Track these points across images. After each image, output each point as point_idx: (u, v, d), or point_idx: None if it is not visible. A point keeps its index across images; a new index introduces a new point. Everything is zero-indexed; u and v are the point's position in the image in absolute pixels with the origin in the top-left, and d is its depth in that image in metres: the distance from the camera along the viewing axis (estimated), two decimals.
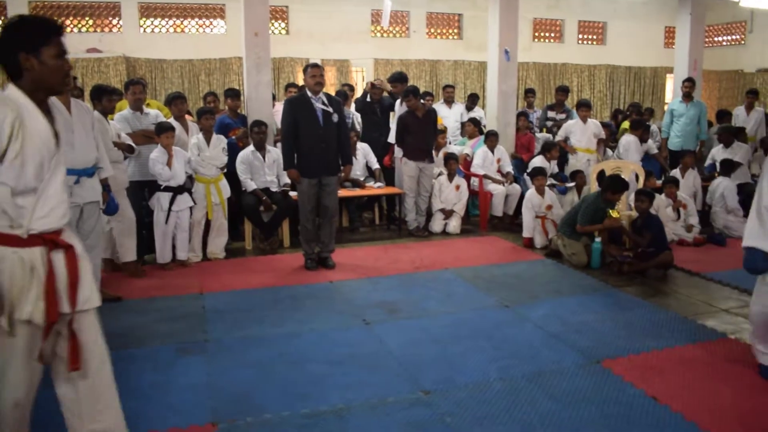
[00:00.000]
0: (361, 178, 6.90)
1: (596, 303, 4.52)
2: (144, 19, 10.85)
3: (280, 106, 6.05)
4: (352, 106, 7.54)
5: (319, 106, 5.16)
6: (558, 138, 7.55)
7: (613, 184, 5.42)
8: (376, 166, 7.00)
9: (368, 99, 7.39)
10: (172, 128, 5.24)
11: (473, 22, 12.48)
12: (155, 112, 5.68)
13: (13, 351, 2.01)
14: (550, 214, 6.22)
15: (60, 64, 2.04)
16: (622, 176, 5.75)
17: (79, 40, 9.99)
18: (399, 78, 7.28)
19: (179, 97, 5.80)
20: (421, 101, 6.70)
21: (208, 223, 5.66)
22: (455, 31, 12.94)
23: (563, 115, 8.38)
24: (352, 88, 8.18)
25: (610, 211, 5.36)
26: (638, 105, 9.81)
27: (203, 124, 5.59)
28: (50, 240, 2.04)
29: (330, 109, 5.19)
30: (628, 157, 7.24)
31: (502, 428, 2.79)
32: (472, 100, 8.80)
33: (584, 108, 7.41)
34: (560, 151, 7.30)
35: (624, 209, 5.78)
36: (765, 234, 3.10)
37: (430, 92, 9.05)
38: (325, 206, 5.34)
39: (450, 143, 7.95)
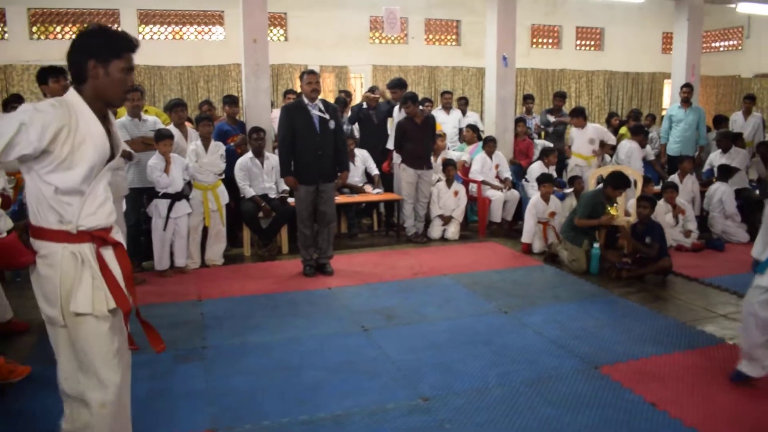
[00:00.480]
0: (360, 184, 6.90)
1: (595, 309, 4.52)
2: (143, 25, 10.89)
3: (278, 113, 6.06)
4: (349, 113, 7.55)
5: (315, 113, 5.16)
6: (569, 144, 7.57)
7: (615, 180, 5.41)
8: (375, 172, 6.99)
9: (364, 105, 7.40)
10: (171, 136, 5.23)
11: (471, 28, 12.53)
12: (153, 119, 5.66)
13: (94, 344, 2.05)
14: (551, 221, 6.22)
15: (124, 78, 2.08)
16: None
17: None
18: (398, 84, 7.28)
19: (180, 105, 5.80)
20: (420, 107, 6.70)
21: (206, 230, 5.66)
22: (453, 37, 12.99)
23: (560, 119, 8.43)
24: (349, 95, 8.19)
25: (609, 208, 5.37)
26: (638, 111, 9.83)
27: (201, 130, 5.59)
28: (99, 237, 2.07)
29: (327, 116, 5.19)
30: (631, 164, 7.20)
31: None
32: (464, 103, 8.85)
33: (574, 116, 7.40)
34: (558, 157, 7.30)
35: (621, 215, 5.78)
36: (762, 242, 3.18)
37: (429, 98, 9.09)
38: (322, 213, 5.33)
39: (449, 149, 7.96)
